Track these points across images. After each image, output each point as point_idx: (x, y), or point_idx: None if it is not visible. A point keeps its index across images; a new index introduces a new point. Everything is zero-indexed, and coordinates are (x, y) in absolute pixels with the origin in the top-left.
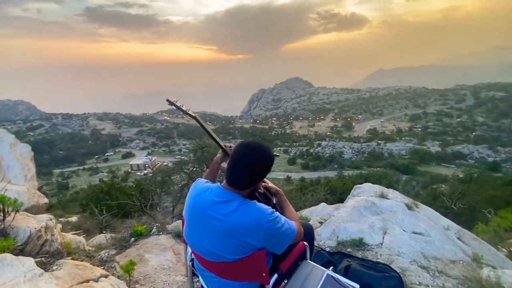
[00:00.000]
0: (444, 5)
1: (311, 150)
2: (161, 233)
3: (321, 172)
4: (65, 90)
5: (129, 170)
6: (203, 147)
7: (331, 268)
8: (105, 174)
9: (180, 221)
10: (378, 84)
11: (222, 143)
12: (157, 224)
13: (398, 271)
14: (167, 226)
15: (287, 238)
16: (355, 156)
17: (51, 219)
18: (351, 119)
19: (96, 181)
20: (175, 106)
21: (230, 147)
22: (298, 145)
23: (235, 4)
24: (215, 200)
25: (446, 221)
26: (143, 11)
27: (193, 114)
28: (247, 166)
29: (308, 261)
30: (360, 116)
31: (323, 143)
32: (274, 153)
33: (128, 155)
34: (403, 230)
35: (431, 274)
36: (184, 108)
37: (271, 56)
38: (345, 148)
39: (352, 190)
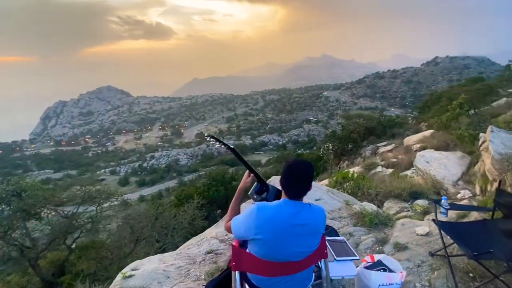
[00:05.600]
0: (231, 28)
1: (145, 164)
2: None
3: (161, 184)
4: None
5: None
6: (19, 192)
7: None
8: None
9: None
10: (195, 92)
11: (259, 173)
12: None
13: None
14: None
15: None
16: (191, 161)
17: None
18: (179, 126)
19: None
20: (217, 140)
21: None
22: (127, 162)
23: None
24: (294, 212)
25: (325, 187)
26: None
27: (232, 146)
28: (309, 179)
29: None
30: (186, 122)
31: (156, 154)
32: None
33: None
34: (311, 200)
35: (337, 221)
36: (223, 141)
37: (66, 60)
38: (179, 155)
39: None
